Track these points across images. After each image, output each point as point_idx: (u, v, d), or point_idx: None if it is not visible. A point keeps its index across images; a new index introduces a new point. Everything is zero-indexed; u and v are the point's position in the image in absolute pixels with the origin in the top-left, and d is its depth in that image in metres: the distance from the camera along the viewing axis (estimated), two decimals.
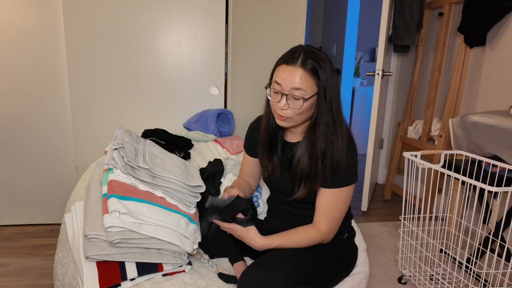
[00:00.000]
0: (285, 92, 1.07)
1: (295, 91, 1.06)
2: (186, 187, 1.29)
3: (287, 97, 1.08)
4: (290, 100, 1.08)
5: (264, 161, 1.25)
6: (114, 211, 1.08)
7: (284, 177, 1.22)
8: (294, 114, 1.09)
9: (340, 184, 1.13)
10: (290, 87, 1.06)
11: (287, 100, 1.08)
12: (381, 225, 2.45)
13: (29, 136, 2.26)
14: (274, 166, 1.23)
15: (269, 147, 1.23)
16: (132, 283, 1.09)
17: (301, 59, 1.06)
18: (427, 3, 2.71)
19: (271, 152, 1.23)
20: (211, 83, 2.29)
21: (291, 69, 1.06)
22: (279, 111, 1.10)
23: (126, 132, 1.46)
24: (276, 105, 1.11)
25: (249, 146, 1.35)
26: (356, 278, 1.24)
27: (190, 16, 2.19)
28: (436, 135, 2.54)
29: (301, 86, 1.05)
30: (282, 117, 1.11)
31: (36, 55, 2.16)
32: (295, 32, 2.40)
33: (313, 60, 1.06)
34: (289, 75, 1.06)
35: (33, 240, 2.19)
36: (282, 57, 1.11)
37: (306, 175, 1.13)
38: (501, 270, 1.48)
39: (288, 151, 1.21)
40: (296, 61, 1.06)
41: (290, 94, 1.07)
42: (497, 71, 2.19)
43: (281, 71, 1.08)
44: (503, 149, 1.68)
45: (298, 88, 1.05)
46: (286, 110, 1.09)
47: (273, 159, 1.22)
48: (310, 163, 1.12)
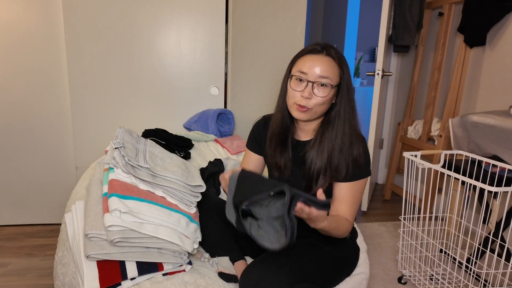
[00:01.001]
0: (311, 80, 1.07)
1: (321, 79, 1.07)
2: (186, 186, 1.29)
3: (313, 85, 1.08)
4: (315, 89, 1.08)
5: (275, 158, 1.23)
6: (114, 210, 1.09)
7: (295, 176, 1.22)
8: (316, 104, 1.09)
9: (358, 177, 1.15)
10: (317, 75, 1.07)
11: (312, 89, 1.08)
12: (381, 225, 2.46)
13: (29, 136, 2.26)
14: (286, 164, 1.21)
15: (282, 144, 1.21)
16: (132, 283, 1.09)
17: (325, 50, 1.09)
18: (427, 3, 2.71)
19: (283, 150, 1.21)
20: (211, 83, 2.29)
21: (318, 57, 1.08)
22: (301, 100, 1.09)
23: (126, 131, 1.46)
24: (297, 95, 1.10)
25: (256, 143, 1.32)
26: (356, 278, 1.24)
27: (190, 16, 2.19)
28: (436, 135, 2.54)
29: (328, 74, 1.07)
30: (302, 108, 1.10)
31: (36, 55, 2.16)
32: (295, 32, 2.40)
33: (335, 52, 1.10)
34: (316, 63, 1.07)
35: (33, 240, 2.19)
36: (305, 50, 1.12)
37: (325, 169, 1.14)
38: (501, 270, 1.48)
39: (299, 150, 1.21)
40: (322, 51, 1.09)
41: (316, 82, 1.07)
42: (497, 71, 2.19)
43: (307, 60, 1.09)
44: (503, 149, 1.68)
45: (325, 76, 1.07)
46: (310, 100, 1.09)
47: (285, 157, 1.21)
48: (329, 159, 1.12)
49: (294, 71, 1.12)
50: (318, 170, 1.14)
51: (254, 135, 1.33)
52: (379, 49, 2.53)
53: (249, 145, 1.36)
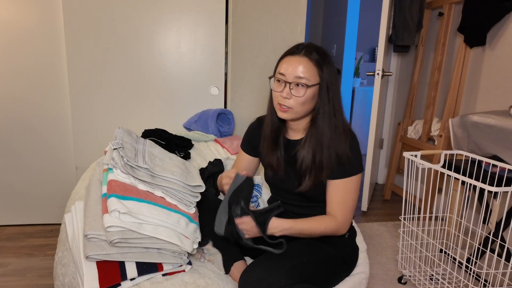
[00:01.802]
0: (289, 81, 1.10)
1: (298, 79, 1.09)
2: (186, 186, 1.28)
3: (290, 85, 1.10)
4: (293, 89, 1.10)
5: (268, 158, 1.25)
6: (114, 211, 1.08)
7: (288, 175, 1.23)
8: (296, 103, 1.11)
9: (347, 174, 1.15)
10: (293, 76, 1.09)
11: (290, 89, 1.10)
12: (381, 225, 2.45)
13: (29, 136, 2.26)
14: (279, 163, 1.23)
15: (273, 143, 1.24)
16: (132, 283, 1.09)
17: (305, 50, 1.11)
18: (427, 3, 2.71)
19: (275, 149, 1.24)
20: (211, 83, 2.29)
21: (295, 59, 1.11)
22: (282, 100, 1.12)
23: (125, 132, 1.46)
24: (278, 95, 1.13)
25: (249, 144, 1.35)
26: (356, 278, 1.24)
27: (190, 16, 2.19)
28: (436, 135, 2.54)
29: (304, 75, 1.09)
30: (284, 108, 1.13)
31: (36, 55, 2.16)
32: (295, 32, 2.40)
33: (316, 52, 1.11)
34: (293, 64, 1.10)
35: (33, 240, 2.19)
36: (286, 51, 1.15)
37: (310, 168, 1.15)
38: (501, 270, 1.48)
39: (291, 149, 1.23)
40: (301, 51, 1.11)
41: (293, 82, 1.10)
42: (497, 71, 2.19)
43: (285, 62, 1.12)
44: (503, 149, 1.68)
45: (301, 76, 1.09)
46: (289, 100, 1.11)
47: (277, 156, 1.23)
48: (313, 157, 1.14)
49: (276, 73, 1.15)
50: (306, 168, 1.16)
51: (248, 136, 1.36)
52: (379, 49, 2.53)
53: (243, 146, 1.38)
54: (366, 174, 2.68)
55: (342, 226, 1.18)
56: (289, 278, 1.00)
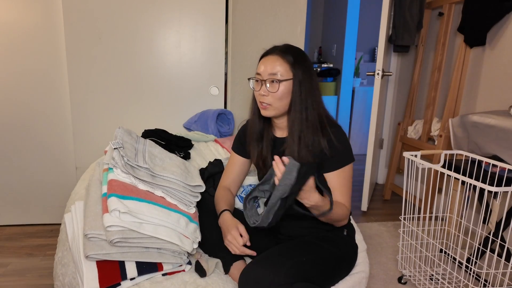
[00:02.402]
0: (264, 78, 1.17)
1: (271, 76, 1.15)
2: (186, 186, 1.29)
3: (266, 82, 1.16)
4: (268, 86, 1.16)
5: (255, 157, 1.29)
6: (114, 210, 1.09)
7: None
8: (274, 99, 1.16)
9: (339, 165, 1.19)
10: (268, 73, 1.16)
11: (266, 86, 1.16)
12: (381, 225, 2.45)
13: (29, 136, 2.26)
14: (266, 162, 1.27)
15: (258, 142, 1.28)
16: (132, 283, 1.09)
17: (278, 50, 1.18)
18: (427, 3, 2.71)
19: (260, 148, 1.28)
20: (211, 83, 2.29)
21: (269, 58, 1.18)
22: (261, 98, 1.18)
23: (125, 131, 1.46)
24: (258, 94, 1.19)
25: (241, 145, 1.37)
26: (356, 277, 1.24)
27: (190, 16, 2.19)
28: (436, 135, 2.54)
29: (276, 71, 1.15)
30: (264, 105, 1.18)
31: (36, 56, 2.16)
32: (295, 32, 2.40)
33: (290, 51, 1.18)
34: (267, 63, 1.17)
35: (33, 240, 2.19)
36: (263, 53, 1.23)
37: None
38: (501, 270, 1.47)
39: (279, 146, 1.26)
40: (272, 52, 1.19)
41: (268, 80, 1.16)
42: (497, 71, 2.19)
43: (261, 62, 1.20)
44: (503, 149, 1.68)
45: (274, 73, 1.15)
46: (267, 96, 1.17)
47: (264, 154, 1.27)
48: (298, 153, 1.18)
49: (256, 73, 1.22)
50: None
51: (240, 138, 1.38)
52: (379, 49, 2.53)
53: (235, 148, 1.40)
54: (366, 174, 2.68)
55: (348, 213, 1.22)
56: (289, 277, 1.00)
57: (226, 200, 1.30)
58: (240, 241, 1.11)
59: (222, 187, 1.38)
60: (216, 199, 1.33)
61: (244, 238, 1.12)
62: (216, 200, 1.32)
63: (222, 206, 1.26)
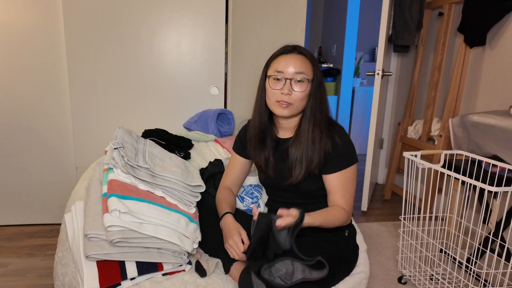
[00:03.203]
0: (288, 77, 1.13)
1: (298, 74, 1.13)
2: (186, 186, 1.29)
3: (291, 81, 1.13)
4: (293, 85, 1.14)
5: (256, 158, 1.28)
6: (114, 210, 1.09)
7: (280, 172, 1.25)
8: (297, 98, 1.15)
9: (342, 166, 1.18)
10: (293, 71, 1.13)
11: (290, 85, 1.13)
12: (381, 225, 2.45)
13: (29, 136, 2.26)
14: (267, 163, 1.26)
15: (260, 143, 1.26)
16: (132, 283, 1.09)
17: (296, 50, 1.17)
18: (427, 3, 2.71)
19: (263, 149, 1.26)
20: (211, 83, 2.29)
21: (290, 56, 1.15)
22: (281, 97, 1.15)
23: (126, 131, 1.46)
24: (277, 93, 1.15)
25: (242, 146, 1.36)
26: (356, 278, 1.24)
27: (190, 16, 2.19)
28: (436, 135, 2.54)
29: (303, 70, 1.13)
30: (284, 104, 1.15)
31: (36, 55, 2.16)
32: (295, 32, 2.40)
33: (306, 50, 1.18)
34: (291, 61, 1.14)
35: (33, 240, 2.19)
36: (276, 52, 1.19)
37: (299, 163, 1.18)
38: (501, 270, 1.48)
39: (281, 147, 1.25)
40: (293, 50, 1.17)
41: (293, 79, 1.13)
42: (497, 71, 2.19)
43: (281, 60, 1.16)
44: (503, 149, 1.68)
45: (300, 72, 1.13)
46: (290, 95, 1.14)
47: (265, 155, 1.26)
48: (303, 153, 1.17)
49: (271, 72, 1.18)
50: (296, 160, 1.19)
51: (240, 138, 1.37)
52: (379, 49, 2.53)
53: (235, 148, 1.39)
54: (366, 174, 2.68)
55: (350, 215, 1.22)
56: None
57: (228, 202, 1.30)
58: (241, 247, 1.11)
59: (223, 188, 1.37)
60: (218, 200, 1.33)
61: (245, 244, 1.12)
62: (217, 201, 1.32)
63: (224, 208, 1.25)
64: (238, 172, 1.39)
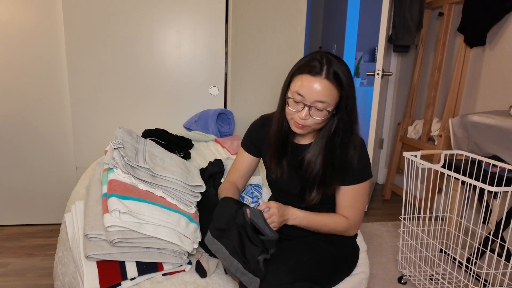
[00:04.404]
0: (308, 104, 1.06)
1: (318, 103, 1.05)
2: (186, 186, 1.29)
3: (310, 108, 1.07)
4: (312, 111, 1.07)
5: (273, 165, 1.24)
6: (114, 211, 1.09)
7: (293, 179, 1.23)
8: (314, 123, 1.10)
9: (356, 181, 1.17)
10: (314, 100, 1.05)
11: (309, 111, 1.07)
12: (381, 225, 2.45)
13: (29, 136, 2.26)
14: (284, 169, 1.23)
15: (279, 151, 1.22)
16: (132, 283, 1.09)
17: (325, 70, 1.04)
18: (427, 3, 2.71)
19: (281, 156, 1.23)
20: (211, 83, 2.29)
21: (315, 80, 1.04)
22: (298, 120, 1.10)
23: (126, 131, 1.46)
24: (295, 114, 1.10)
25: (251, 143, 1.33)
26: (356, 278, 1.24)
27: (190, 16, 2.19)
28: (436, 135, 2.54)
29: (325, 100, 1.05)
30: (300, 125, 1.11)
31: (36, 55, 2.16)
32: (295, 32, 2.40)
33: (337, 69, 1.05)
34: (314, 87, 1.04)
35: (33, 240, 2.19)
36: (304, 65, 1.07)
37: (319, 181, 1.15)
38: (501, 270, 1.48)
39: (298, 153, 1.22)
40: (321, 72, 1.04)
41: (313, 106, 1.06)
42: (497, 71, 2.19)
43: (304, 82, 1.05)
44: (503, 149, 1.68)
45: (322, 101, 1.05)
46: (307, 120, 1.09)
47: (283, 163, 1.23)
48: (323, 168, 1.14)
49: (292, 91, 1.09)
50: (315, 177, 1.16)
51: (250, 135, 1.34)
52: (379, 49, 2.53)
53: (244, 145, 1.35)
54: None
55: (352, 227, 1.20)
56: (289, 277, 1.00)
57: (230, 192, 1.27)
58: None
59: (228, 182, 1.35)
60: (220, 190, 1.30)
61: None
62: (219, 192, 1.29)
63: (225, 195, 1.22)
64: (245, 169, 1.36)
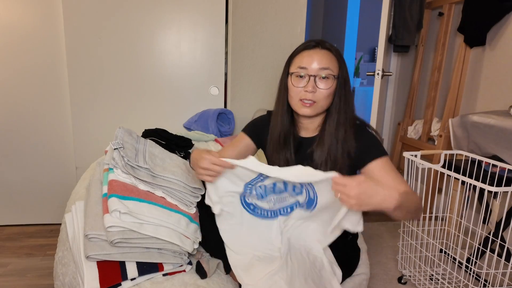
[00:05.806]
0: (312, 74, 1.07)
1: (323, 70, 1.06)
2: (186, 187, 1.29)
3: (315, 78, 1.07)
4: (317, 82, 1.07)
5: (275, 159, 1.22)
6: (114, 211, 1.09)
7: None
8: (322, 96, 1.08)
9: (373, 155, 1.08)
10: (317, 67, 1.06)
11: (315, 82, 1.07)
12: (381, 225, 2.45)
13: (29, 136, 2.26)
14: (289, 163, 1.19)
15: (281, 146, 1.20)
16: (132, 283, 1.09)
17: (320, 45, 1.09)
18: (427, 3, 2.71)
19: (283, 150, 1.20)
20: (211, 83, 2.29)
21: (314, 51, 1.08)
22: (305, 95, 1.08)
23: (126, 131, 1.46)
24: (300, 91, 1.09)
25: (254, 132, 1.29)
26: (356, 279, 1.25)
27: (190, 16, 2.19)
28: (436, 135, 2.54)
29: (328, 65, 1.07)
30: (307, 103, 1.09)
31: (36, 55, 2.16)
32: (295, 32, 2.39)
33: (330, 46, 1.10)
34: (315, 57, 1.07)
35: (33, 240, 2.19)
36: (297, 48, 1.12)
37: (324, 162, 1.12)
38: (501, 270, 1.48)
39: (305, 147, 1.19)
40: (317, 45, 1.09)
41: (318, 75, 1.07)
42: (497, 71, 2.19)
43: (304, 56, 1.09)
44: (503, 149, 1.68)
45: (326, 67, 1.06)
46: (314, 93, 1.07)
47: (287, 157, 1.20)
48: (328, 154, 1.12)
49: (293, 69, 1.10)
50: (321, 163, 1.13)
51: (256, 126, 1.30)
52: (379, 49, 2.53)
53: (248, 131, 1.30)
54: None
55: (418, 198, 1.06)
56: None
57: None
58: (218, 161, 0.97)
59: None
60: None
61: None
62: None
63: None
64: (240, 150, 1.28)
